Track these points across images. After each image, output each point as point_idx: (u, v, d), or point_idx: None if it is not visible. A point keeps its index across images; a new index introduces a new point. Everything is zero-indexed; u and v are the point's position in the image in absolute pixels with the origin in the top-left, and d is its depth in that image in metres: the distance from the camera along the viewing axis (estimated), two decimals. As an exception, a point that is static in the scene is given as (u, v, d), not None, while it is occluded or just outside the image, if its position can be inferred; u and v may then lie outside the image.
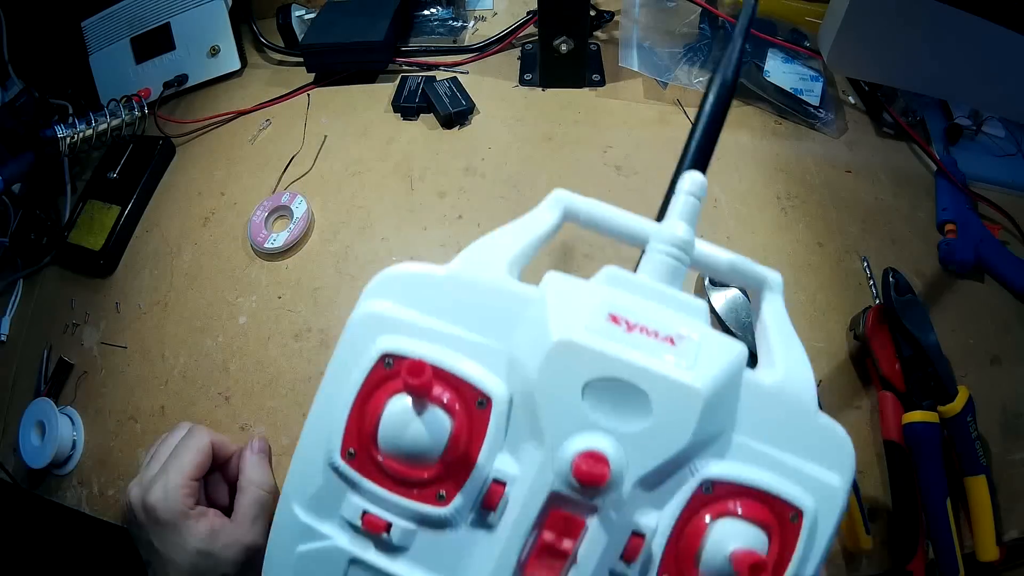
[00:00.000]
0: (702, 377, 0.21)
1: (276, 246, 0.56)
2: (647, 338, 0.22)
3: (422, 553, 0.23)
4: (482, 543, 0.22)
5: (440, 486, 0.23)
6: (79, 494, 0.51)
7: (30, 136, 0.60)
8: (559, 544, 0.22)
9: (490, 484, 0.22)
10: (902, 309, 0.48)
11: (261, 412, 0.50)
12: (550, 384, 0.22)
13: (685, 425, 0.21)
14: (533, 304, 0.23)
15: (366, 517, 0.23)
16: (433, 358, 0.23)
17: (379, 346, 0.23)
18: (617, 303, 0.23)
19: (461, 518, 0.23)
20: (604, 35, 0.71)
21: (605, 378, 0.21)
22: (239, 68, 0.73)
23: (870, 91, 0.65)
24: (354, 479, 0.23)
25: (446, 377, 0.23)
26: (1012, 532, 0.45)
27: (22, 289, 0.64)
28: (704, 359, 0.22)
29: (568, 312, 0.22)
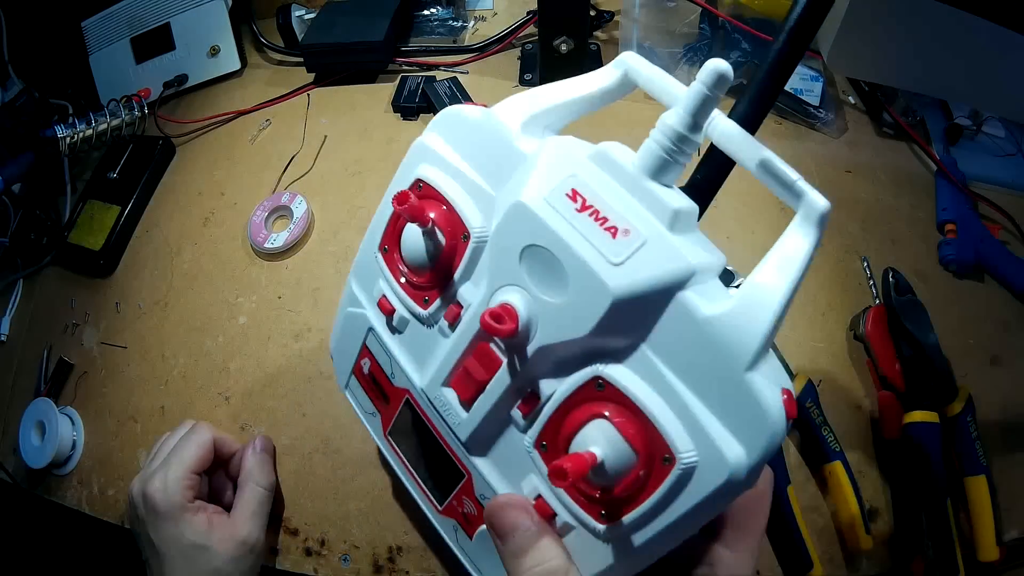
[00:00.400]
0: (621, 277, 0.21)
1: (276, 246, 0.56)
2: (592, 222, 0.22)
3: (407, 338, 0.30)
4: (439, 346, 0.28)
5: (426, 293, 0.28)
6: (79, 494, 0.51)
7: (30, 136, 0.60)
8: (478, 374, 0.26)
9: (451, 303, 0.27)
10: (902, 309, 0.48)
11: (261, 412, 0.50)
12: (500, 238, 0.25)
13: (590, 316, 0.22)
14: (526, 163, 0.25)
15: (382, 299, 0.30)
16: (445, 190, 0.27)
17: (417, 172, 0.28)
18: (584, 180, 0.23)
19: (434, 321, 0.28)
20: (604, 35, 0.71)
21: (538, 246, 0.23)
22: (239, 68, 0.73)
23: (870, 91, 0.65)
24: (382, 268, 0.30)
25: (450, 209, 0.27)
26: (1012, 532, 0.45)
27: (22, 289, 0.64)
28: (636, 261, 0.21)
29: (542, 178, 0.23)
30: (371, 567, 0.44)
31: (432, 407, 0.29)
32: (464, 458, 0.29)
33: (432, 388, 0.28)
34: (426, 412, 0.30)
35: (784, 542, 0.43)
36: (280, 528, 0.46)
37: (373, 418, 0.34)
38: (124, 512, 0.49)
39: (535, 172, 0.24)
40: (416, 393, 0.30)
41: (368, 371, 0.33)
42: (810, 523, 0.44)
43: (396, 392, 0.31)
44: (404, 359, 0.30)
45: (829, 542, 0.44)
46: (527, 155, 0.25)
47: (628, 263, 0.21)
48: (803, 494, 0.45)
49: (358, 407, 0.36)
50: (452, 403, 0.28)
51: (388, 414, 0.32)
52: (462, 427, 0.28)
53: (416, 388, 0.30)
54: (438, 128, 0.29)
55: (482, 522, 0.28)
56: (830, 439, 0.44)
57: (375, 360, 0.32)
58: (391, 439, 0.33)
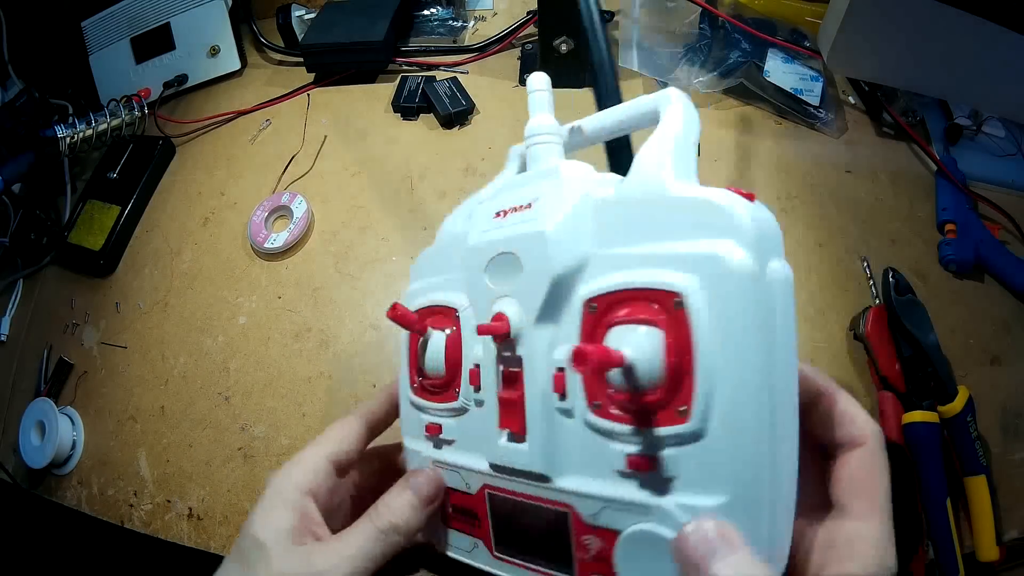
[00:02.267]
0: (546, 222, 0.25)
1: (276, 246, 0.56)
2: (513, 215, 0.27)
3: (462, 440, 0.29)
4: (483, 415, 0.28)
5: (454, 385, 0.29)
6: (79, 494, 0.51)
7: (30, 136, 0.60)
8: (510, 396, 0.26)
9: (470, 369, 0.28)
10: (902, 309, 0.48)
11: (261, 412, 0.50)
12: (471, 281, 0.28)
13: (545, 260, 0.25)
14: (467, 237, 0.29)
15: (428, 426, 0.30)
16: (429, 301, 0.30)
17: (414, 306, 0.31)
18: (500, 202, 0.28)
19: (469, 403, 0.28)
20: (604, 35, 0.71)
21: (492, 256, 0.27)
22: (239, 68, 0.73)
23: (870, 91, 0.65)
24: (419, 403, 0.31)
25: (435, 309, 0.30)
26: (1012, 532, 0.45)
27: (22, 289, 0.64)
28: (550, 208, 0.25)
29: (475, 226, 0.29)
30: (371, 567, 0.44)
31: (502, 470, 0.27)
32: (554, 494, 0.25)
33: (494, 451, 0.27)
34: (504, 487, 0.27)
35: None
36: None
37: (478, 550, 0.29)
38: (124, 512, 0.49)
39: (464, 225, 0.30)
40: (490, 477, 0.28)
41: (451, 506, 0.30)
42: (810, 523, 0.44)
43: (478, 497, 0.29)
44: (468, 459, 0.29)
45: (829, 542, 0.44)
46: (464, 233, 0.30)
47: (545, 213, 0.25)
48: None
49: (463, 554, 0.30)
50: (514, 446, 0.26)
51: (484, 529, 0.29)
52: (533, 458, 0.25)
53: (486, 468, 0.28)
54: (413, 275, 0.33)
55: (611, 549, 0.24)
56: (830, 439, 0.44)
57: (451, 490, 0.30)
58: (502, 554, 0.29)
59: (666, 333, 0.21)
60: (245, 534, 0.28)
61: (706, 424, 0.21)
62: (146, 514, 0.49)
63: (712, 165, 0.59)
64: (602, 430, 0.23)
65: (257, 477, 0.48)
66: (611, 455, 0.23)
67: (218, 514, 0.48)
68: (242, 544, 0.28)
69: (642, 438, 0.22)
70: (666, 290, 0.21)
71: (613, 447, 0.23)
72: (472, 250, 0.28)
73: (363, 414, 0.32)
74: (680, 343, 0.21)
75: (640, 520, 0.22)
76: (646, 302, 0.22)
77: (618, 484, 0.23)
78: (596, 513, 0.24)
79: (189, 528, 0.48)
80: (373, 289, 0.54)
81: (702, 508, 0.21)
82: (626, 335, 0.22)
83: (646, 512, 0.22)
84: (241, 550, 0.28)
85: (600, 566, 0.24)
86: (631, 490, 0.23)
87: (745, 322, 0.20)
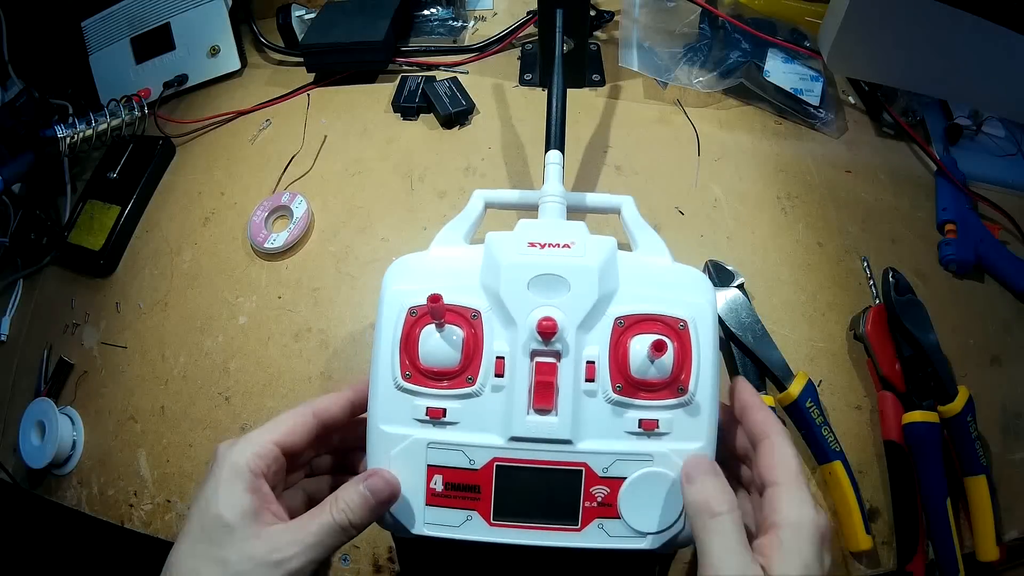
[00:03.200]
0: (593, 259, 0.35)
1: (276, 246, 0.56)
2: (554, 248, 0.36)
3: (469, 421, 0.34)
4: (502, 399, 0.34)
5: (467, 373, 0.35)
6: (79, 494, 0.51)
7: (30, 136, 0.60)
8: (547, 379, 0.34)
9: (495, 360, 0.34)
10: (902, 309, 0.48)
11: (261, 412, 0.50)
12: (508, 289, 0.35)
13: (592, 287, 0.35)
14: (484, 253, 0.37)
15: (429, 410, 0.34)
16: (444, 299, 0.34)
17: (405, 303, 0.35)
18: (530, 236, 0.36)
19: (485, 388, 0.34)
20: (604, 35, 0.71)
21: (538, 275, 0.35)
22: (239, 68, 0.73)
23: (870, 91, 0.65)
24: (414, 389, 0.35)
25: (450, 307, 0.35)
26: (1012, 532, 0.45)
27: (22, 289, 0.64)
28: (591, 250, 0.36)
29: (505, 247, 0.36)
30: (371, 567, 0.45)
31: (526, 441, 0.34)
32: (573, 455, 0.34)
33: (520, 425, 0.34)
34: (519, 457, 0.34)
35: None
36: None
37: (471, 522, 0.34)
38: (124, 512, 0.49)
39: (499, 249, 0.36)
40: (503, 450, 0.34)
41: (443, 485, 0.34)
42: (810, 523, 0.44)
43: (484, 471, 0.34)
44: (476, 437, 0.34)
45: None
46: (478, 250, 0.37)
47: (588, 253, 0.35)
48: (803, 494, 0.45)
49: (448, 530, 0.34)
50: (542, 419, 0.34)
51: (484, 500, 0.34)
52: (562, 427, 0.34)
53: (503, 443, 0.34)
54: (397, 277, 0.37)
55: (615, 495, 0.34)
56: (830, 439, 0.44)
57: (447, 468, 0.34)
58: (500, 520, 0.34)
59: (674, 343, 0.34)
60: (207, 512, 0.30)
61: (693, 396, 0.34)
62: (146, 514, 0.49)
63: (712, 165, 0.59)
64: (620, 403, 0.34)
65: (257, 477, 0.48)
66: (625, 421, 0.34)
67: (218, 514, 0.48)
68: (204, 522, 0.30)
69: (651, 407, 0.34)
70: (677, 317, 0.35)
71: (628, 415, 0.34)
72: (512, 267, 0.35)
73: (317, 411, 0.35)
74: (683, 349, 0.34)
75: (644, 466, 0.34)
76: (659, 323, 0.35)
77: (628, 441, 0.34)
78: (608, 466, 0.34)
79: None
80: (373, 289, 0.54)
81: (690, 451, 0.34)
82: (646, 340, 0.34)
83: (649, 459, 0.34)
84: (205, 529, 0.30)
85: (604, 510, 0.34)
86: (639, 444, 0.34)
87: (712, 336, 0.35)
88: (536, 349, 0.34)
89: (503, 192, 0.44)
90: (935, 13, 0.52)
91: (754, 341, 0.47)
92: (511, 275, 0.35)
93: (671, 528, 0.33)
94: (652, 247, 0.39)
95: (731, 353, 0.48)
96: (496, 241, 0.36)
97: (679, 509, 0.33)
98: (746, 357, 0.48)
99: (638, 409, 0.34)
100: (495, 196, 0.44)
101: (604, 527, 0.34)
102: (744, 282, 0.51)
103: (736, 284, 0.50)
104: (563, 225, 0.38)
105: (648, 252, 0.39)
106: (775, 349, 0.47)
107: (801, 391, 0.45)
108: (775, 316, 0.51)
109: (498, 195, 0.44)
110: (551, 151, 0.44)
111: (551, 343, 0.34)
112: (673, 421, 0.34)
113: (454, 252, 0.39)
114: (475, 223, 0.42)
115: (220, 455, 0.32)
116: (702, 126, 0.62)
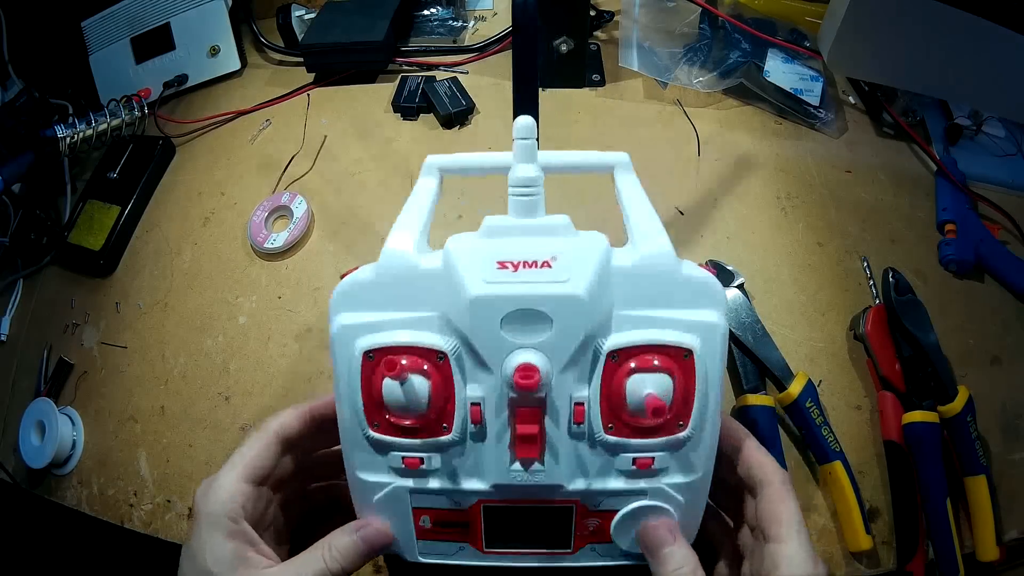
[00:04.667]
0: (579, 284, 0.28)
1: (276, 246, 0.56)
2: (531, 270, 0.29)
3: (449, 469, 0.32)
4: (481, 448, 0.31)
5: (442, 421, 0.30)
6: (79, 494, 0.51)
7: (30, 136, 0.60)
8: (530, 430, 0.29)
9: (469, 407, 0.30)
10: (902, 309, 0.48)
11: (261, 412, 0.50)
12: (477, 329, 0.29)
13: (579, 321, 0.28)
14: (443, 274, 0.30)
15: (405, 461, 0.31)
16: (395, 341, 0.30)
17: (358, 347, 0.30)
18: (500, 251, 0.29)
19: (462, 437, 0.31)
20: (604, 35, 0.71)
21: (512, 311, 0.28)
22: (239, 68, 0.73)
23: (870, 91, 0.65)
24: (386, 441, 0.31)
25: (410, 349, 0.30)
26: (1012, 532, 0.45)
27: (22, 289, 0.64)
28: (577, 267, 0.29)
29: (469, 271, 0.29)
30: (371, 567, 0.45)
31: (514, 488, 0.31)
32: (562, 495, 0.31)
33: (504, 474, 0.31)
34: (507, 497, 0.32)
35: (784, 542, 0.43)
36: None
37: (464, 551, 0.34)
38: (124, 512, 0.49)
39: (460, 272, 0.29)
40: (489, 494, 0.32)
41: (431, 524, 0.33)
42: (810, 523, 0.44)
43: (471, 511, 0.33)
44: (459, 483, 0.32)
45: (829, 542, 0.44)
46: (437, 269, 0.30)
47: (574, 272, 0.28)
48: (803, 494, 0.45)
49: (443, 557, 0.34)
50: (528, 469, 0.31)
51: (475, 534, 0.33)
52: (549, 474, 0.31)
53: (487, 489, 0.31)
54: (341, 306, 0.31)
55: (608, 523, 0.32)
56: (830, 439, 0.44)
57: (432, 510, 0.33)
58: (493, 549, 0.34)
59: (676, 377, 0.29)
60: (195, 568, 0.30)
61: (694, 431, 0.30)
62: (146, 514, 0.49)
63: (712, 165, 0.59)
64: (613, 444, 0.30)
65: (257, 477, 0.48)
66: (618, 461, 0.31)
67: (218, 514, 0.48)
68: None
69: (646, 446, 0.30)
70: (681, 346, 0.29)
71: (621, 456, 0.31)
72: (480, 301, 0.28)
73: (278, 432, 0.34)
74: (687, 383, 0.29)
75: (636, 500, 0.31)
76: (660, 355, 0.29)
77: (620, 480, 0.31)
78: (599, 503, 0.32)
79: (189, 528, 0.47)
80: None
81: (686, 484, 0.31)
82: (644, 379, 0.29)
83: (643, 494, 0.31)
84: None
85: (596, 537, 0.32)
86: (632, 482, 0.31)
87: (720, 363, 0.30)
88: (515, 398, 0.30)
89: (461, 157, 0.36)
90: (935, 13, 0.51)
91: (754, 341, 0.47)
92: (480, 312, 0.28)
93: None
94: (651, 236, 0.31)
95: (731, 353, 0.48)
96: (458, 258, 0.29)
97: None
98: (746, 357, 0.48)
99: (632, 450, 0.31)
100: (452, 162, 0.36)
101: (597, 549, 0.33)
102: (744, 282, 0.51)
103: (736, 284, 0.50)
104: (540, 228, 0.31)
105: (645, 239, 0.31)
106: (775, 349, 0.47)
107: (801, 391, 0.45)
108: (775, 316, 0.51)
109: (456, 160, 0.36)
110: (520, 117, 0.32)
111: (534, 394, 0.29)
112: (670, 458, 0.31)
113: (409, 266, 0.31)
114: (433, 202, 0.36)
115: (197, 506, 0.31)
116: (702, 126, 0.62)
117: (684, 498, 0.32)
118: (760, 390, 0.47)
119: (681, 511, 0.32)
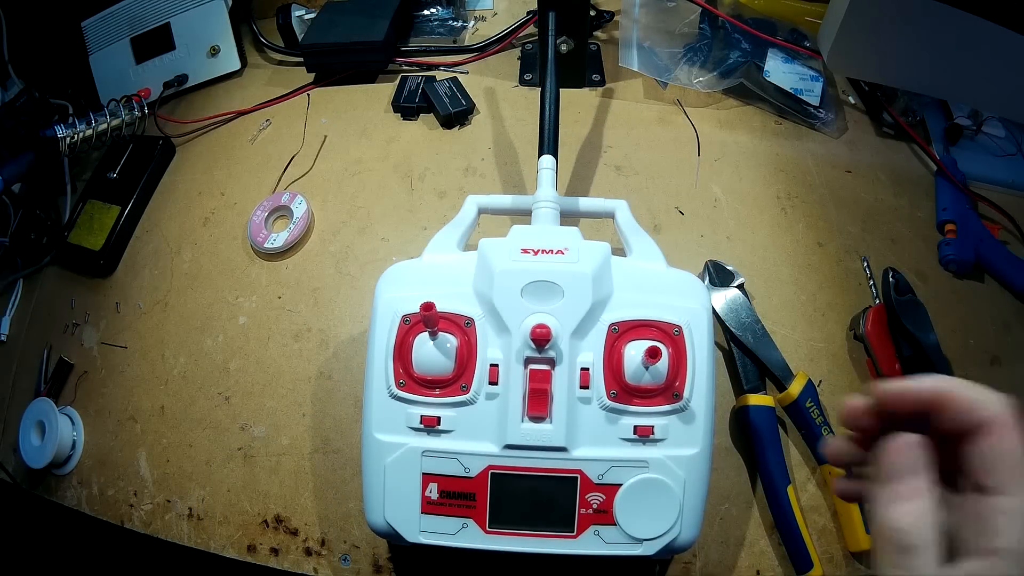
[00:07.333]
0: (587, 265, 0.36)
1: (276, 246, 0.56)
2: (547, 255, 0.36)
3: (464, 429, 0.35)
4: (496, 406, 0.35)
5: (461, 381, 0.35)
6: (79, 494, 0.51)
7: (30, 136, 0.60)
8: (541, 386, 0.34)
9: (489, 368, 0.35)
10: (902, 309, 0.48)
11: (261, 412, 0.50)
12: (501, 296, 0.35)
13: (586, 293, 0.35)
14: (476, 260, 0.37)
15: (423, 418, 0.35)
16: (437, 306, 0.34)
17: (398, 311, 0.36)
18: (524, 241, 0.37)
19: (479, 396, 0.35)
20: (604, 35, 0.71)
21: (531, 282, 0.35)
22: (239, 68, 0.73)
23: (870, 91, 0.65)
24: (408, 398, 0.35)
25: (443, 315, 0.35)
26: None
27: (22, 289, 0.64)
28: (584, 256, 0.36)
29: (499, 255, 0.36)
30: (371, 567, 0.45)
31: (521, 448, 0.34)
32: (568, 463, 0.34)
33: (515, 433, 0.34)
34: (514, 465, 0.34)
35: (784, 542, 0.43)
36: (280, 528, 0.46)
37: (466, 530, 0.35)
38: (124, 512, 0.49)
39: (492, 256, 0.36)
40: (498, 458, 0.34)
41: (438, 493, 0.35)
42: (810, 523, 0.44)
43: (479, 479, 0.35)
44: (471, 445, 0.35)
45: (829, 542, 0.44)
46: (471, 256, 0.38)
47: (582, 259, 0.36)
48: (803, 494, 0.45)
49: (444, 538, 0.35)
50: (537, 427, 0.34)
51: (480, 508, 0.35)
52: (556, 434, 0.34)
53: (498, 451, 0.34)
54: (390, 285, 0.38)
55: (611, 501, 0.34)
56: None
57: (441, 476, 0.35)
58: (495, 528, 0.35)
59: (669, 350, 0.35)
60: None
61: (688, 402, 0.35)
62: (146, 514, 0.49)
63: (712, 165, 0.59)
64: (615, 410, 0.35)
65: (257, 477, 0.48)
66: (620, 428, 0.35)
67: (218, 514, 0.48)
68: None
69: (646, 413, 0.35)
70: (672, 323, 0.35)
71: (622, 421, 0.35)
72: (505, 274, 0.35)
73: None
74: (678, 354, 0.35)
75: (639, 472, 0.34)
76: (654, 329, 0.35)
77: (623, 448, 0.35)
78: (603, 473, 0.34)
79: (189, 528, 0.48)
80: (373, 289, 0.54)
81: (685, 456, 0.34)
82: (641, 346, 0.34)
83: (645, 465, 0.34)
84: None
85: (599, 516, 0.34)
86: (634, 451, 0.34)
87: (707, 342, 0.36)
88: (530, 356, 0.35)
89: (496, 198, 0.45)
90: (935, 13, 0.51)
91: (754, 341, 0.47)
92: (504, 282, 0.35)
93: (667, 534, 0.34)
94: (646, 252, 0.40)
95: (731, 353, 0.48)
96: (489, 247, 0.37)
97: (675, 514, 0.33)
98: (746, 357, 0.48)
99: (633, 416, 0.35)
100: (488, 202, 0.45)
101: (600, 534, 0.34)
102: (744, 282, 0.51)
103: (736, 284, 0.50)
104: (556, 231, 0.39)
105: (642, 257, 0.39)
106: (775, 349, 0.47)
107: (801, 391, 0.45)
108: (775, 316, 0.51)
109: (491, 201, 0.45)
110: (544, 156, 0.44)
111: (545, 350, 0.34)
112: (668, 427, 0.35)
113: (447, 259, 0.39)
114: (468, 229, 0.43)
115: None
116: (702, 126, 0.62)
117: (685, 473, 0.34)
118: (760, 390, 0.47)
119: (683, 488, 0.34)
